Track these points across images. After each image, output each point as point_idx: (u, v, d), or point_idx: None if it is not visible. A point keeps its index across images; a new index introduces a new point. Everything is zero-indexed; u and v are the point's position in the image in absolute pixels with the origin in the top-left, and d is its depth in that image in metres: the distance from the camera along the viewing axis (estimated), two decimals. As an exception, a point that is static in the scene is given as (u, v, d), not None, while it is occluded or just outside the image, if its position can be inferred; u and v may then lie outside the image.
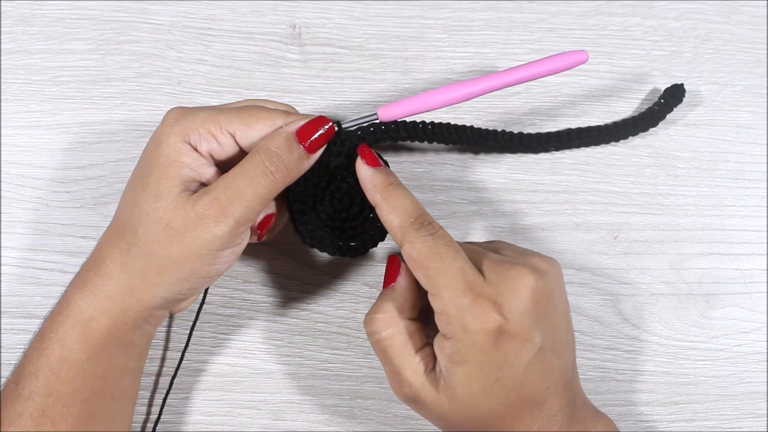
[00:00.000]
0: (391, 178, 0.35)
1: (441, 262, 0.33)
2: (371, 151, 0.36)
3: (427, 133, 0.42)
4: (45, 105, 0.47)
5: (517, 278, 0.33)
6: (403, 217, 0.34)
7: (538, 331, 0.33)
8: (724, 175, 0.48)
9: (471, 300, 0.32)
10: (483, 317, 0.32)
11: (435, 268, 0.33)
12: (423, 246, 0.33)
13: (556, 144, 0.47)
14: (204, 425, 0.44)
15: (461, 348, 0.33)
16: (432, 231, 0.33)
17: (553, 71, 0.38)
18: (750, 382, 0.46)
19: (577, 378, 0.37)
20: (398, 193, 0.35)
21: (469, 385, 0.33)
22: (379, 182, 0.35)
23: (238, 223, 0.34)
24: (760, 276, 0.47)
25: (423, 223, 0.34)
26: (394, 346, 0.35)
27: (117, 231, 0.36)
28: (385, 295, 0.36)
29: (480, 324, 0.32)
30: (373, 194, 0.35)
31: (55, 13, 0.48)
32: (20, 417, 0.34)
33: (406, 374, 0.35)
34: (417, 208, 0.34)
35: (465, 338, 0.32)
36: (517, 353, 0.32)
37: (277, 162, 0.34)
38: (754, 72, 0.50)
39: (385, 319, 0.35)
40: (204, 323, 0.45)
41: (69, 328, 0.35)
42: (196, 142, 0.35)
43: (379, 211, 0.35)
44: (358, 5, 0.49)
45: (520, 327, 0.32)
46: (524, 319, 0.32)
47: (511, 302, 0.32)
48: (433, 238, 0.33)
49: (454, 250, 0.33)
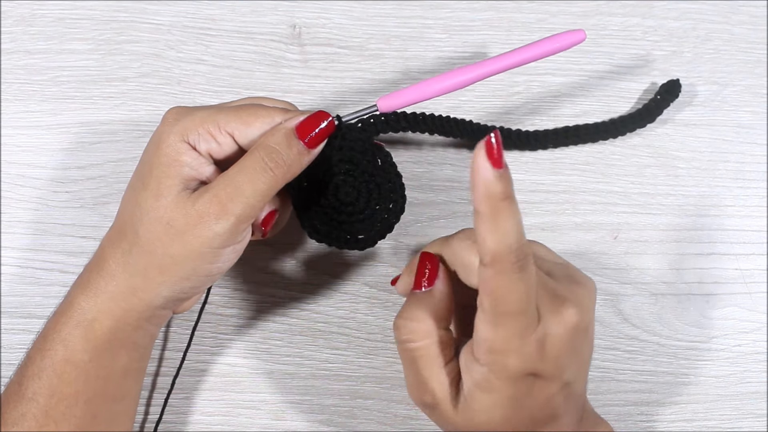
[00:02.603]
0: (509, 191, 0.29)
1: (518, 301, 0.30)
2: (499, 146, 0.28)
3: (427, 124, 0.41)
4: (45, 105, 0.47)
5: (564, 317, 0.31)
6: (502, 244, 0.29)
7: (569, 370, 0.32)
8: (724, 175, 0.49)
9: (522, 343, 0.30)
10: (526, 359, 0.31)
11: (509, 306, 0.30)
12: (507, 281, 0.30)
13: (554, 141, 0.47)
14: (204, 425, 0.44)
15: (492, 379, 0.31)
16: (525, 266, 0.30)
17: (551, 52, 0.38)
18: (750, 382, 0.46)
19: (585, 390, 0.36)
20: (507, 213, 0.29)
21: (491, 412, 0.32)
22: (496, 194, 0.28)
23: (239, 220, 0.34)
24: (760, 276, 0.47)
25: (519, 257, 0.29)
26: (426, 357, 0.33)
27: (119, 231, 0.36)
28: (420, 300, 0.34)
29: (520, 364, 0.31)
30: (481, 203, 0.29)
31: (55, 13, 0.48)
32: (23, 418, 0.34)
33: (432, 385, 0.33)
34: (520, 236, 0.29)
35: (500, 372, 0.31)
36: (543, 389, 0.32)
37: (276, 158, 0.34)
38: (754, 72, 0.50)
39: (421, 329, 0.33)
40: (204, 323, 0.45)
41: (72, 329, 0.35)
42: (195, 141, 0.35)
43: (479, 223, 0.29)
44: (358, 5, 0.49)
45: (554, 368, 0.32)
46: (560, 360, 0.32)
47: (553, 345, 0.31)
48: (523, 273, 0.30)
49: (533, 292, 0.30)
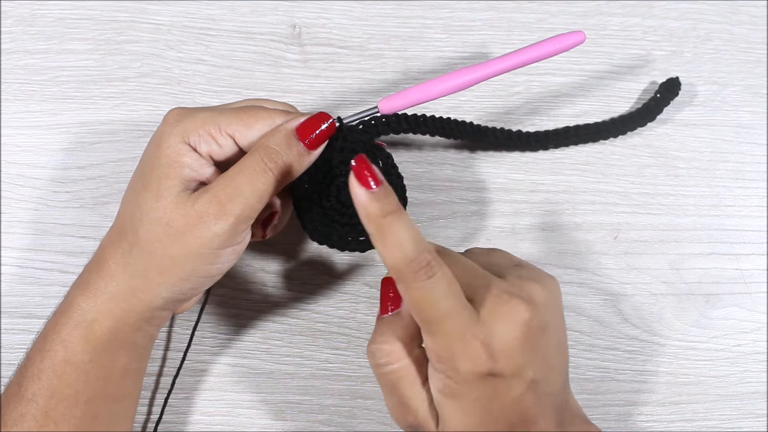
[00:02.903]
0: (388, 206, 0.30)
1: (437, 306, 0.31)
2: (368, 166, 0.30)
3: (428, 125, 0.41)
4: (45, 105, 0.47)
5: (511, 314, 0.32)
6: (399, 258, 0.30)
7: (530, 367, 0.32)
8: (724, 175, 0.49)
9: (463, 345, 0.31)
10: (474, 360, 0.31)
11: (431, 315, 0.31)
12: (419, 291, 0.30)
13: (554, 141, 0.47)
14: (204, 425, 0.44)
15: (452, 384, 0.32)
16: (430, 274, 0.30)
17: (552, 53, 0.38)
18: (750, 382, 0.46)
19: (568, 393, 0.36)
20: (395, 228, 0.30)
21: (463, 419, 0.32)
22: (374, 213, 0.30)
23: (238, 220, 0.34)
24: (760, 276, 0.47)
25: (421, 265, 0.30)
26: (405, 378, 0.33)
27: (118, 231, 0.36)
28: (389, 323, 0.34)
29: (471, 366, 0.31)
30: (367, 224, 0.30)
31: (55, 13, 0.48)
32: (23, 418, 0.34)
33: (414, 405, 0.34)
34: (415, 246, 0.30)
35: (455, 376, 0.31)
36: (507, 389, 0.32)
37: (275, 159, 0.34)
38: (754, 72, 0.50)
39: (395, 351, 0.33)
40: (204, 323, 0.45)
41: (72, 329, 0.35)
42: (195, 143, 0.35)
43: (374, 242, 0.31)
44: (358, 5, 0.49)
45: (511, 366, 0.31)
46: (515, 358, 0.32)
47: (503, 343, 0.31)
48: (432, 282, 0.30)
49: (451, 294, 0.31)
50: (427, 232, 0.46)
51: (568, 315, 0.46)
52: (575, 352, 0.46)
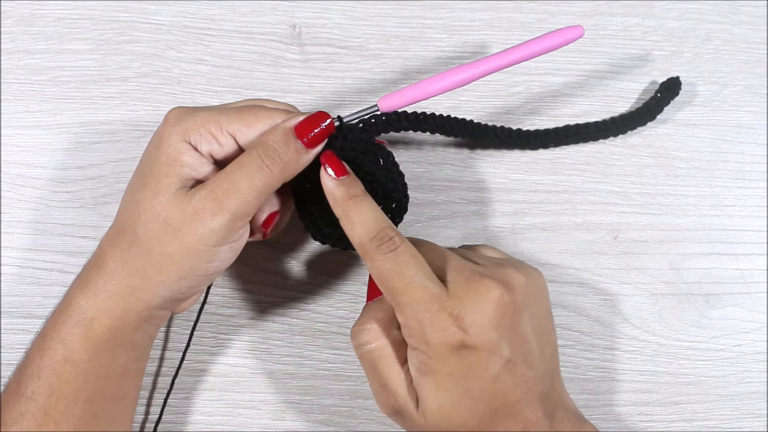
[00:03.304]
0: (354, 190, 0.34)
1: (402, 278, 0.33)
2: (336, 159, 0.35)
3: (428, 123, 0.41)
4: (45, 105, 0.47)
5: (481, 291, 0.33)
6: (363, 234, 0.34)
7: (506, 344, 0.33)
8: (724, 175, 0.49)
9: (431, 314, 0.32)
10: (443, 330, 0.32)
11: (396, 284, 0.33)
12: (383, 263, 0.33)
13: (554, 140, 0.47)
14: (204, 425, 0.44)
15: (425, 359, 0.33)
16: (393, 247, 0.33)
17: (550, 48, 0.38)
18: (750, 382, 0.46)
19: (560, 389, 0.36)
20: (359, 208, 0.34)
21: (439, 397, 0.33)
22: (340, 195, 0.34)
23: (235, 216, 0.34)
24: (760, 276, 0.47)
25: (383, 239, 0.33)
26: (383, 357, 0.35)
27: (118, 230, 0.36)
28: (371, 308, 0.36)
29: (440, 337, 0.32)
30: (335, 208, 0.35)
31: (55, 13, 0.48)
32: (22, 417, 0.34)
33: (394, 385, 0.35)
34: (378, 222, 0.34)
35: (428, 350, 0.32)
36: (483, 365, 0.32)
37: (273, 156, 0.34)
38: (754, 72, 0.50)
39: (373, 331, 0.35)
40: (204, 323, 0.45)
41: (71, 328, 0.35)
42: (196, 142, 0.35)
43: (342, 225, 0.35)
44: (358, 5, 0.49)
45: (484, 340, 0.32)
46: (489, 333, 0.32)
47: (474, 316, 0.32)
48: (394, 254, 0.33)
49: (416, 266, 0.33)
50: (427, 232, 0.46)
51: (568, 315, 0.46)
52: (575, 352, 0.46)
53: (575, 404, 0.37)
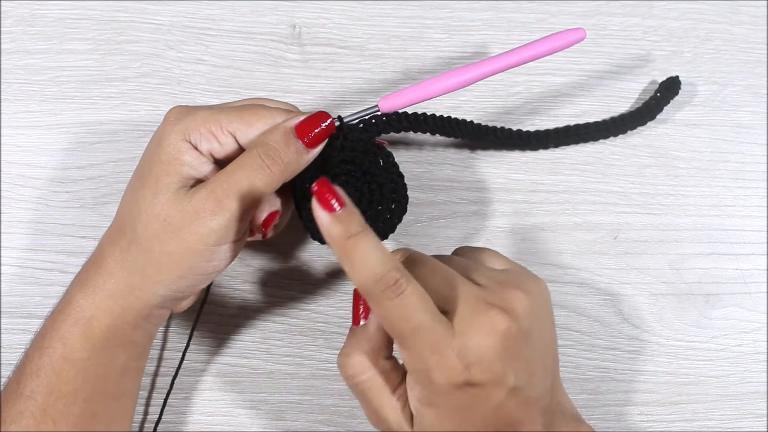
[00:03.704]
0: (353, 227, 0.30)
1: (409, 322, 0.31)
2: (330, 189, 0.30)
3: (429, 124, 0.41)
4: (45, 105, 0.47)
5: (487, 325, 0.32)
6: (366, 278, 0.30)
7: (511, 373, 0.32)
8: (724, 175, 0.49)
9: (438, 357, 0.31)
10: (449, 372, 0.31)
11: (403, 329, 0.31)
12: (388, 308, 0.31)
13: (554, 140, 0.47)
14: (204, 425, 0.44)
15: (428, 394, 0.32)
16: (399, 291, 0.30)
17: (551, 50, 0.38)
18: (750, 382, 0.46)
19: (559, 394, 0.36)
20: (360, 248, 0.30)
21: (438, 425, 0.33)
22: (337, 235, 0.30)
23: (235, 216, 0.34)
24: (760, 276, 0.47)
25: (388, 284, 0.30)
26: (373, 388, 0.34)
27: (117, 229, 0.36)
28: (357, 335, 0.34)
29: (446, 378, 0.31)
30: (332, 247, 0.31)
31: (55, 13, 0.48)
32: (21, 416, 0.34)
33: (385, 413, 0.34)
34: (382, 264, 0.30)
35: (431, 387, 0.32)
36: (488, 396, 0.32)
37: (273, 156, 0.34)
38: (754, 72, 0.50)
39: (362, 363, 0.34)
40: (204, 323, 0.45)
41: (70, 326, 0.35)
42: (196, 141, 0.35)
43: (341, 264, 0.31)
44: (358, 5, 0.49)
45: (489, 375, 0.31)
46: (493, 367, 0.31)
47: (479, 351, 0.31)
48: (400, 299, 0.30)
49: (423, 308, 0.31)
50: (427, 232, 0.46)
51: (568, 315, 0.46)
52: (575, 352, 0.46)
53: (573, 404, 0.37)
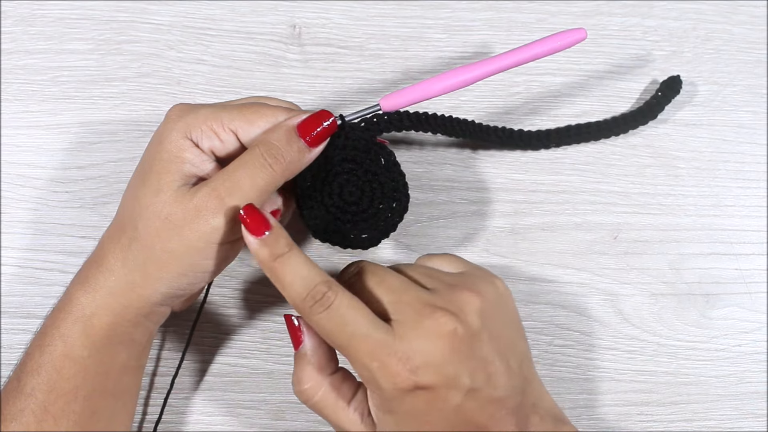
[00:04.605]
0: (279, 249, 0.32)
1: (343, 333, 0.32)
2: (257, 213, 0.33)
3: (430, 123, 0.41)
4: (45, 105, 0.47)
5: (432, 328, 0.32)
6: (294, 296, 0.32)
7: (465, 374, 0.32)
8: (724, 175, 0.49)
9: (379, 363, 0.31)
10: (394, 377, 0.31)
11: (339, 340, 0.32)
12: (320, 322, 0.32)
13: (555, 140, 0.47)
14: (204, 425, 0.44)
15: (383, 401, 0.32)
16: (327, 304, 0.32)
17: (552, 50, 0.38)
18: (750, 382, 0.46)
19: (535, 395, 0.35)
20: (286, 268, 0.32)
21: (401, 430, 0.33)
22: (264, 257, 0.32)
23: (236, 214, 0.34)
24: (760, 276, 0.47)
25: (316, 298, 0.32)
26: (327, 407, 0.35)
27: (118, 227, 0.36)
28: (300, 359, 0.35)
29: (392, 384, 0.31)
30: (264, 269, 0.33)
31: (55, 13, 0.48)
32: (22, 413, 0.34)
33: (346, 426, 0.35)
34: (307, 281, 0.32)
35: (383, 394, 0.32)
36: (442, 400, 0.32)
37: (275, 154, 0.34)
38: (754, 72, 0.50)
39: (310, 385, 0.34)
40: (204, 323, 0.45)
41: (71, 324, 0.35)
42: (197, 138, 0.35)
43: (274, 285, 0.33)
44: (358, 5, 0.49)
45: (438, 378, 0.31)
46: (443, 369, 0.31)
47: (424, 356, 0.31)
48: (329, 311, 0.32)
49: (355, 317, 0.32)
50: (427, 232, 0.46)
51: (568, 315, 0.46)
52: (575, 352, 0.46)
53: (556, 405, 0.36)
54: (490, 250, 0.47)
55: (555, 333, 0.46)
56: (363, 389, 0.35)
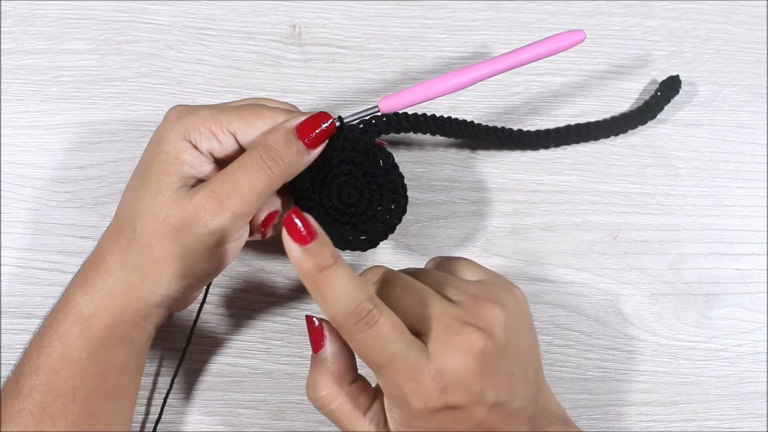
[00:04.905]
0: (324, 261, 0.29)
1: (383, 352, 0.30)
2: (305, 219, 0.29)
3: (429, 124, 0.41)
4: (45, 105, 0.47)
5: (463, 345, 0.31)
6: (338, 312, 0.30)
7: (491, 390, 0.32)
8: (724, 175, 0.49)
9: (414, 384, 0.31)
10: (426, 397, 0.31)
11: (377, 359, 0.31)
12: (363, 341, 0.30)
13: (555, 140, 0.47)
14: (204, 425, 0.44)
15: (406, 418, 0.32)
16: (372, 323, 0.30)
17: (551, 52, 0.38)
18: (750, 382, 0.46)
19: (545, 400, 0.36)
20: (331, 282, 0.30)
21: None
22: (309, 269, 0.29)
23: (235, 216, 0.34)
24: (760, 276, 0.47)
25: (361, 316, 0.30)
26: (342, 416, 0.34)
27: (117, 228, 0.36)
28: (319, 365, 0.34)
29: (423, 405, 0.31)
30: (303, 280, 0.30)
31: (55, 13, 0.48)
32: (20, 414, 0.34)
33: None
34: (354, 296, 0.30)
35: (410, 412, 0.31)
36: (468, 416, 0.32)
37: (274, 156, 0.34)
38: (754, 72, 0.50)
39: (327, 393, 0.33)
40: (204, 323, 0.45)
41: (69, 325, 0.35)
42: (196, 140, 0.35)
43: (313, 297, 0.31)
44: (358, 5, 0.49)
45: (467, 396, 0.31)
46: (471, 388, 0.31)
47: (456, 374, 0.31)
48: (374, 330, 0.30)
49: (397, 338, 0.31)
50: (427, 232, 0.46)
51: (568, 315, 0.46)
52: (575, 352, 0.46)
53: (560, 406, 0.37)
54: (490, 250, 0.47)
55: (555, 333, 0.46)
56: (380, 399, 0.34)
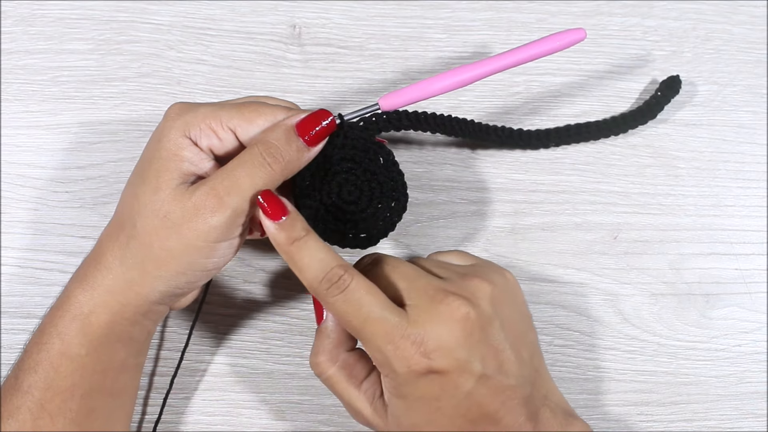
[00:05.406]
0: (296, 233, 0.33)
1: (358, 315, 0.33)
2: (275, 198, 0.34)
3: (429, 122, 0.41)
4: (45, 105, 0.47)
5: (445, 312, 0.33)
6: (311, 278, 0.33)
7: (477, 360, 0.32)
8: (724, 175, 0.49)
9: (393, 346, 0.32)
10: (408, 360, 0.32)
11: (353, 322, 0.33)
12: (336, 304, 0.33)
13: (555, 140, 0.47)
14: (204, 425, 0.44)
15: (396, 385, 0.33)
16: (343, 287, 0.33)
17: (552, 50, 0.38)
18: (750, 382, 0.46)
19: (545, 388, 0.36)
20: (303, 252, 0.33)
21: (411, 416, 0.34)
22: (282, 241, 0.34)
23: (235, 213, 0.34)
24: (760, 276, 0.47)
25: (332, 280, 0.33)
26: (339, 383, 0.36)
27: (117, 225, 0.36)
28: (320, 335, 0.37)
29: (406, 367, 0.32)
30: (281, 252, 0.34)
31: (55, 13, 0.48)
32: (18, 410, 0.34)
33: (357, 406, 0.36)
34: (325, 263, 0.33)
35: (397, 378, 0.33)
36: (454, 385, 0.32)
37: (274, 153, 0.34)
38: (754, 72, 0.50)
39: (325, 361, 0.36)
40: (204, 323, 0.45)
41: (68, 322, 0.35)
42: (196, 137, 0.35)
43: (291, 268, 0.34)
44: (358, 5, 0.49)
45: (451, 362, 0.32)
46: (456, 354, 0.32)
47: (438, 340, 0.32)
48: (345, 294, 0.33)
49: (370, 300, 0.33)
50: (427, 232, 0.46)
51: (568, 315, 0.46)
52: (575, 352, 0.46)
53: (566, 401, 0.37)
54: (490, 250, 0.47)
55: (555, 333, 0.46)
56: (376, 372, 0.36)
